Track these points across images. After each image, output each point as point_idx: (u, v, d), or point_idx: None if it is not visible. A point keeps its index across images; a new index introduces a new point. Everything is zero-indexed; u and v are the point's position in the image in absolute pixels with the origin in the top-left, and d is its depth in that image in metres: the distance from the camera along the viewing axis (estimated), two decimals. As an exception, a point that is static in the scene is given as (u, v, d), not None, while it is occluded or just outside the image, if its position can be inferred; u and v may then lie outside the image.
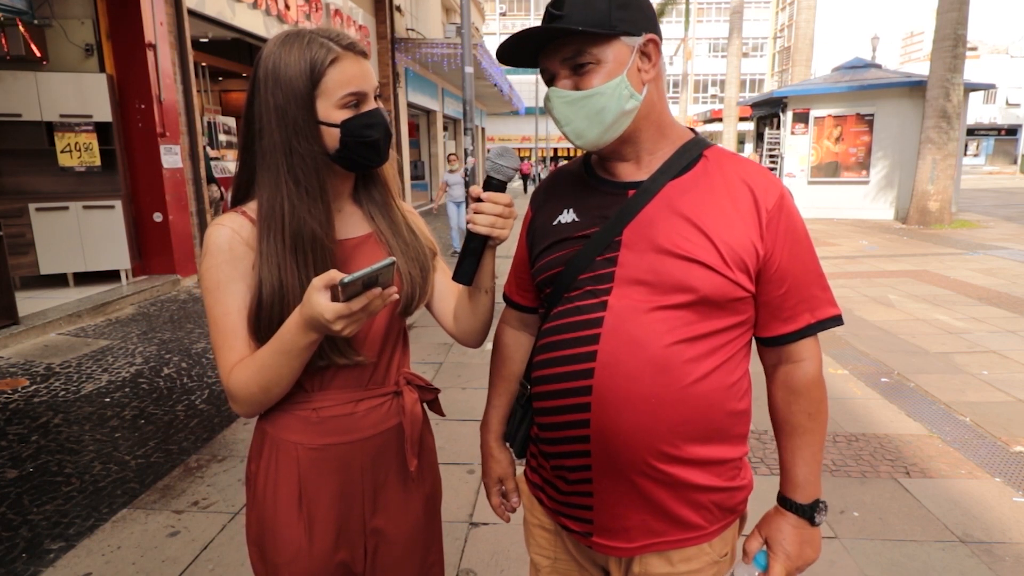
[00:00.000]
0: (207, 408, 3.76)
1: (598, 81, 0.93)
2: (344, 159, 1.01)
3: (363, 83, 1.00)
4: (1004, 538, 2.42)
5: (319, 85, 0.96)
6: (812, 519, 1.02)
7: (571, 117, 0.96)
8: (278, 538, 1.05)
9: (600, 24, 0.90)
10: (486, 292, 1.12)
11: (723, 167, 0.98)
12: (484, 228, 1.00)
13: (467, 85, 5.85)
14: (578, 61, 0.93)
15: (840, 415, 3.56)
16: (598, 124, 0.94)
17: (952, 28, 11.31)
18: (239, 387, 0.97)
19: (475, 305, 1.13)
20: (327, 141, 0.99)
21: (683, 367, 0.92)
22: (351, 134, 0.99)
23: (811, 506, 1.02)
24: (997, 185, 24.08)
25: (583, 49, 0.92)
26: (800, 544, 1.02)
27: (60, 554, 2.36)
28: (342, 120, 0.98)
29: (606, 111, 0.93)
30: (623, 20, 0.91)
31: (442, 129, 20.64)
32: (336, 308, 0.83)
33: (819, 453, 1.03)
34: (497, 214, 1.00)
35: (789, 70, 26.79)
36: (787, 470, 1.04)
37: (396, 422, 1.11)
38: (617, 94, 0.93)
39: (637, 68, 0.94)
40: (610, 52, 0.92)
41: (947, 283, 7.11)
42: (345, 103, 0.98)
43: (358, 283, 0.82)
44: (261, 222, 0.99)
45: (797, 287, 0.97)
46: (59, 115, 6.21)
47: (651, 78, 0.95)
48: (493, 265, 1.09)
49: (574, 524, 1.05)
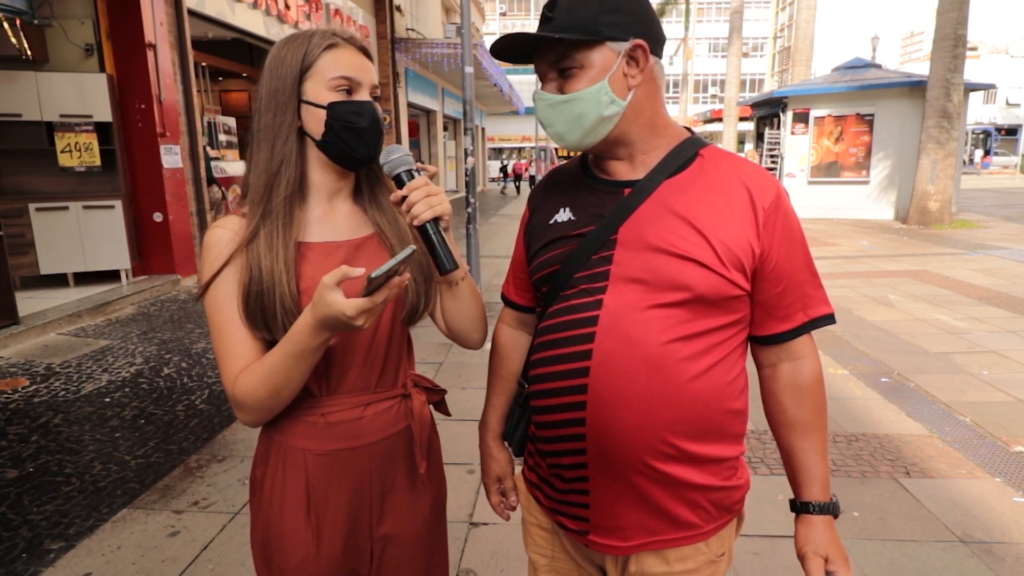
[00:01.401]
0: (207, 408, 3.75)
1: (581, 86, 0.94)
2: (328, 145, 1.00)
3: (358, 72, 1.00)
4: (1004, 538, 2.42)
5: (311, 68, 0.97)
6: (836, 513, 1.03)
7: (553, 120, 0.98)
8: (285, 544, 1.04)
9: (585, 30, 0.91)
10: (461, 280, 1.07)
11: (719, 166, 0.98)
12: (428, 212, 0.94)
13: (467, 85, 5.85)
14: (562, 65, 0.95)
15: (840, 415, 3.56)
16: (578, 128, 0.96)
17: (952, 28, 11.31)
18: (246, 393, 0.94)
19: (456, 299, 1.09)
20: (313, 124, 0.99)
21: (678, 365, 0.92)
22: (336, 117, 0.97)
23: (835, 504, 1.03)
24: (997, 185, 24.07)
25: (567, 53, 0.93)
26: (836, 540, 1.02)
27: (60, 554, 2.36)
28: (329, 102, 0.98)
29: (585, 116, 0.94)
30: (610, 25, 0.92)
31: (442, 129, 20.64)
32: (359, 304, 0.82)
33: (825, 447, 1.04)
34: (425, 195, 0.94)
35: (789, 70, 26.79)
36: (806, 470, 1.02)
37: (404, 425, 1.10)
38: (596, 100, 0.93)
39: (623, 73, 0.94)
40: (595, 57, 0.93)
41: (947, 283, 7.11)
42: (336, 86, 0.98)
43: (382, 276, 0.81)
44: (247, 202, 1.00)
45: (793, 286, 0.98)
46: (59, 115, 6.21)
47: (638, 83, 0.95)
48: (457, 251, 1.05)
49: (570, 523, 1.06)
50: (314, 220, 1.04)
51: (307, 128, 1.00)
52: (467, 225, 5.90)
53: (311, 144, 1.01)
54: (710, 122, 34.75)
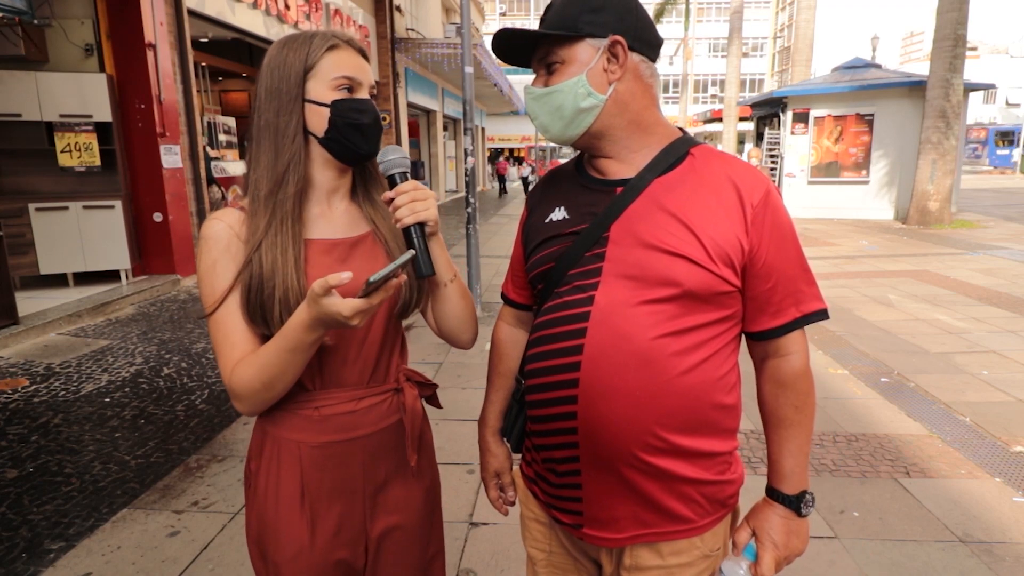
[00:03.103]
0: (207, 408, 3.76)
1: (562, 79, 0.99)
2: (332, 142, 1.02)
3: (358, 72, 1.03)
4: (1004, 538, 2.43)
5: (313, 67, 1.00)
6: (799, 510, 1.04)
7: (537, 112, 1.03)
8: (280, 536, 1.06)
9: (567, 27, 0.97)
10: (450, 282, 1.11)
11: (710, 164, 1.00)
12: (411, 216, 0.99)
13: (467, 85, 5.85)
14: (547, 61, 1.01)
15: (840, 415, 3.57)
16: (559, 119, 1.00)
17: (952, 28, 11.31)
18: (242, 384, 0.97)
19: (444, 299, 1.11)
20: (316, 122, 1.01)
21: (668, 360, 0.94)
22: (340, 114, 1.01)
23: (798, 497, 1.04)
24: (997, 185, 24.07)
25: (552, 50, 0.99)
26: (787, 534, 1.04)
27: (60, 554, 2.36)
28: (332, 100, 1.01)
29: (564, 107, 0.99)
30: (590, 23, 0.97)
31: (442, 129, 20.64)
32: (356, 305, 0.85)
33: (805, 445, 1.05)
34: (411, 199, 1.00)
35: (789, 70, 26.79)
36: (774, 461, 1.06)
37: (396, 419, 1.11)
38: (574, 92, 0.98)
39: (603, 68, 0.98)
40: (575, 53, 0.98)
41: (947, 283, 7.11)
42: (338, 85, 1.01)
43: (381, 280, 0.84)
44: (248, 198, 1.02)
45: (784, 282, 0.99)
46: (59, 115, 6.21)
47: (618, 77, 0.98)
48: (446, 255, 1.09)
49: (565, 516, 1.07)
50: (313, 217, 1.06)
51: (310, 127, 1.02)
52: (467, 225, 5.89)
53: (313, 142, 1.03)
54: (710, 122, 34.77)
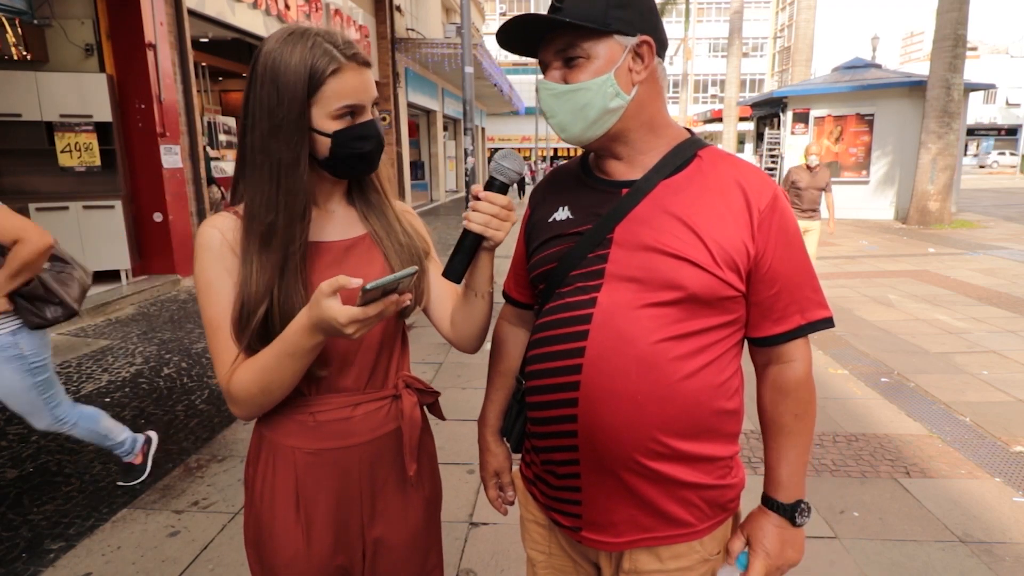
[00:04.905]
0: (207, 408, 3.75)
1: (586, 76, 0.93)
2: (333, 167, 1.01)
3: (362, 95, 0.99)
4: (1004, 538, 2.43)
5: (316, 93, 0.95)
6: (793, 519, 1.02)
7: (556, 110, 0.97)
8: (276, 541, 1.05)
9: (594, 20, 0.91)
10: (482, 297, 1.08)
11: (717, 167, 0.98)
12: (478, 227, 0.99)
13: (467, 85, 5.85)
14: (569, 54, 0.94)
15: (840, 415, 3.57)
16: (581, 119, 0.95)
17: (952, 28, 11.31)
18: (239, 389, 0.95)
19: (469, 309, 1.10)
20: (317, 148, 0.98)
21: (670, 364, 0.92)
22: (341, 145, 0.98)
23: (792, 506, 1.02)
24: (997, 185, 24.07)
25: (575, 42, 0.93)
26: (781, 544, 1.02)
27: (60, 554, 2.36)
28: (334, 131, 0.97)
29: (590, 107, 0.94)
30: (619, 19, 0.92)
31: (442, 129, 20.64)
32: (351, 313, 0.83)
33: (804, 454, 1.03)
34: (493, 214, 0.99)
35: (789, 70, 26.79)
36: (771, 469, 1.05)
37: (394, 426, 1.10)
38: (602, 92, 0.93)
39: (628, 68, 0.95)
40: (601, 48, 0.93)
41: (947, 283, 7.11)
42: (340, 114, 0.97)
43: (378, 290, 0.82)
44: (244, 221, 0.99)
45: (788, 288, 0.97)
46: (59, 115, 6.22)
47: (642, 79, 0.96)
48: (491, 270, 1.07)
49: (564, 519, 1.06)
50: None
51: (311, 150, 0.99)
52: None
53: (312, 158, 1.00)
54: (710, 122, 34.75)
